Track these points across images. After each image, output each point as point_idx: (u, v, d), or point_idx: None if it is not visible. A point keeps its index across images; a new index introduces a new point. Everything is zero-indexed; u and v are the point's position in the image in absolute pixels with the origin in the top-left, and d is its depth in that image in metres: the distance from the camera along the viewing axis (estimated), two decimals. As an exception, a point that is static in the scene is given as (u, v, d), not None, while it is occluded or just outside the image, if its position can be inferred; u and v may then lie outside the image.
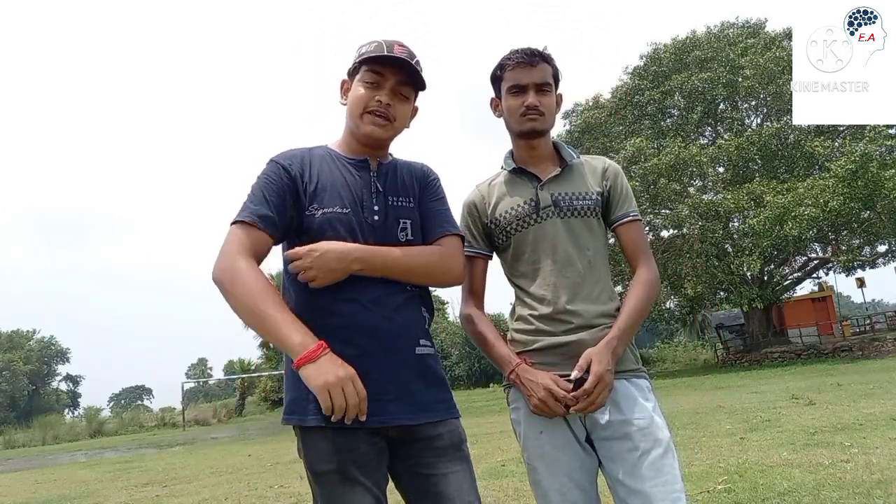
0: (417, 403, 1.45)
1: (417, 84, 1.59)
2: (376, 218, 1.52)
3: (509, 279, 1.83)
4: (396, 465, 1.47)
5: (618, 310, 1.71)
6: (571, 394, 1.55)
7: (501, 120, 1.84)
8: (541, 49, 1.77)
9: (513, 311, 1.81)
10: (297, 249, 1.42)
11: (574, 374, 1.57)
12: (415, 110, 1.67)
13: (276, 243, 1.48)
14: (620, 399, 1.60)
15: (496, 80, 1.80)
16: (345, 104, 1.62)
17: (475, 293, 1.82)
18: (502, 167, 1.86)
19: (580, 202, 1.73)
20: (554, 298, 1.67)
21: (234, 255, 1.38)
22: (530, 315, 1.71)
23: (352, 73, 1.61)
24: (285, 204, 1.47)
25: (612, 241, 1.96)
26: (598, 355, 1.57)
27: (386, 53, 1.54)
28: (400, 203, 1.57)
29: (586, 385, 1.54)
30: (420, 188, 1.64)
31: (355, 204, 1.51)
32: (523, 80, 1.72)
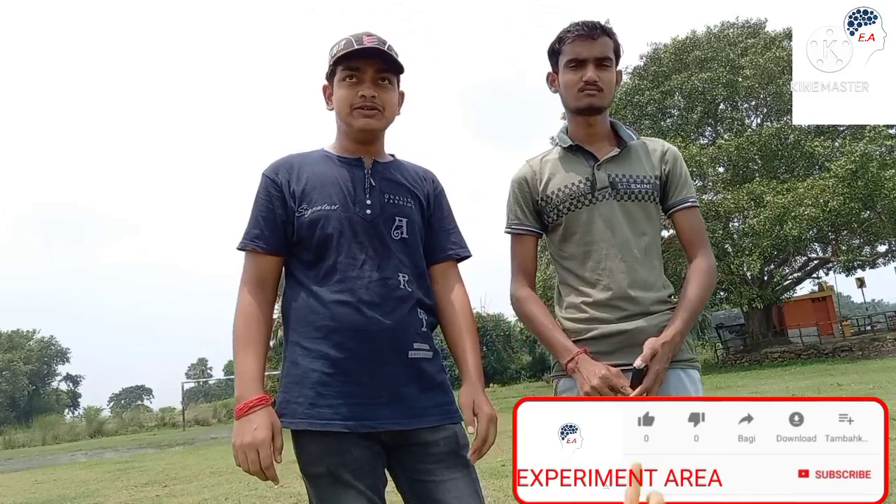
0: (411, 408, 1.44)
1: (396, 69, 1.57)
2: (368, 212, 1.50)
3: (557, 261, 1.76)
4: (395, 467, 1.47)
5: (671, 296, 1.66)
6: (629, 388, 1.50)
7: (505, 119, 1.81)
8: (601, 22, 1.69)
9: (559, 297, 1.74)
10: None
11: (637, 362, 1.51)
12: (401, 95, 1.64)
13: (281, 255, 1.53)
14: (671, 390, 1.56)
15: (554, 53, 1.72)
16: (332, 109, 1.61)
17: (527, 272, 1.74)
18: (556, 143, 1.78)
19: (638, 185, 1.67)
20: (610, 283, 1.61)
21: (240, 289, 1.52)
22: (583, 302, 1.64)
23: (330, 76, 1.59)
24: (275, 217, 1.52)
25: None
26: (661, 351, 1.51)
27: (357, 47, 1.51)
28: (395, 200, 1.55)
29: (645, 384, 1.49)
30: (427, 195, 1.63)
31: (345, 199, 1.50)
32: (583, 53, 1.64)
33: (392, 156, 1.67)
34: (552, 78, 1.74)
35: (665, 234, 22.74)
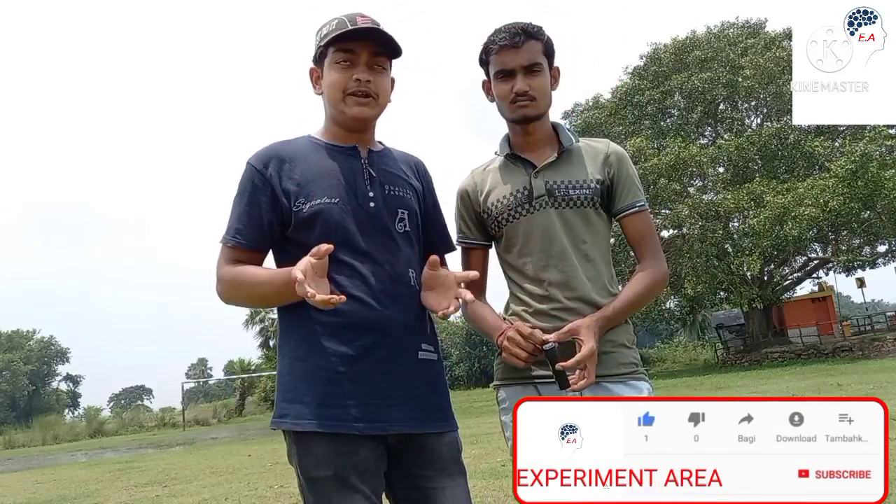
0: (421, 411, 1.39)
1: (392, 51, 1.47)
2: (372, 205, 1.43)
3: (503, 271, 1.73)
4: (392, 475, 1.41)
5: None
6: (573, 361, 1.43)
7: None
8: (525, 25, 1.60)
9: (507, 306, 1.72)
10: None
11: (550, 337, 1.47)
12: (393, 81, 1.54)
13: (263, 252, 1.46)
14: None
15: (483, 63, 1.67)
16: (320, 94, 1.50)
17: (474, 284, 1.65)
18: (495, 153, 1.73)
19: (576, 191, 1.60)
20: (549, 294, 1.58)
21: (218, 274, 1.45)
22: (524, 311, 1.62)
23: (319, 58, 1.48)
24: (260, 213, 1.42)
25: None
26: (585, 329, 1.47)
27: (351, 27, 1.40)
28: (396, 192, 1.48)
29: (582, 352, 1.43)
30: (421, 184, 1.58)
31: (347, 192, 1.42)
32: (510, 63, 1.58)
33: (381, 143, 1.59)
34: (487, 86, 1.68)
35: (665, 234, 22.79)
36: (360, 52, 1.43)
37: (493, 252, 1.77)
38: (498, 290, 1.83)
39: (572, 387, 1.43)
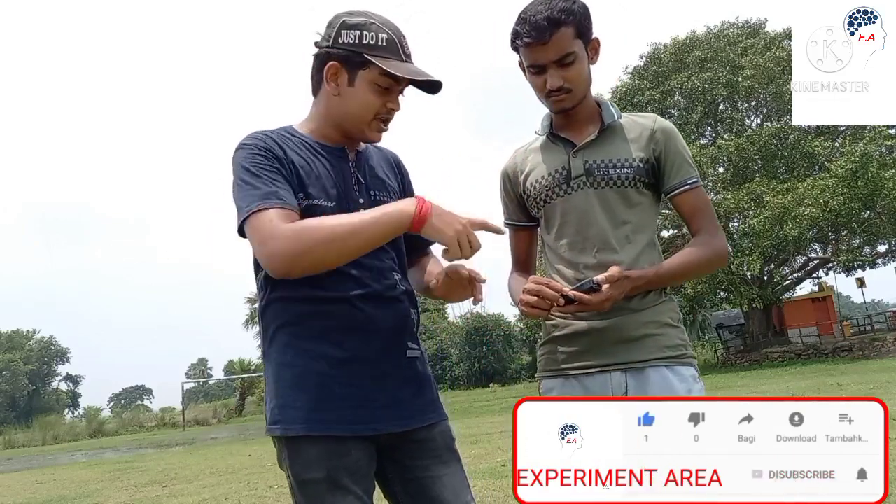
0: (408, 409, 1.40)
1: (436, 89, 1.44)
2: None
3: (544, 253, 1.68)
4: (387, 469, 1.41)
5: (664, 292, 1.53)
6: (574, 291, 1.37)
7: (505, 117, 1.71)
8: (549, 13, 1.44)
9: None
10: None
11: (598, 278, 1.39)
12: None
13: (300, 213, 1.30)
14: (655, 392, 1.42)
15: (514, 49, 1.56)
16: (336, 95, 1.40)
17: (519, 262, 1.71)
18: (536, 132, 1.67)
19: (617, 171, 1.52)
20: (584, 277, 1.47)
21: (269, 233, 1.22)
22: None
23: (354, 65, 1.36)
24: (283, 176, 1.32)
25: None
26: (619, 275, 1.40)
27: (404, 61, 1.38)
28: (381, 197, 1.45)
29: (611, 271, 1.38)
30: (400, 182, 1.57)
31: (340, 197, 1.39)
32: (540, 60, 1.48)
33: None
34: (523, 68, 1.58)
35: (665, 234, 22.80)
36: (403, 83, 1.40)
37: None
38: (497, 288, 1.83)
39: (600, 296, 1.37)
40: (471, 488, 1.46)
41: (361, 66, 1.36)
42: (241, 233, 1.30)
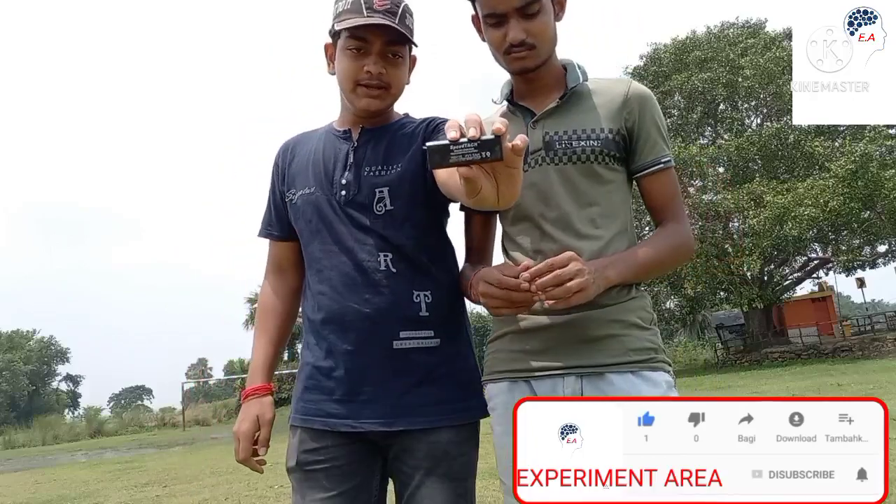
0: (395, 407, 1.30)
1: (408, 41, 1.36)
2: (344, 193, 1.35)
3: (502, 245, 1.46)
4: (390, 467, 1.38)
5: (636, 284, 1.33)
6: (532, 271, 1.13)
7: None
8: None
9: None
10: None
11: (527, 264, 1.17)
12: (413, 61, 1.44)
13: (294, 240, 1.49)
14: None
15: None
16: (333, 74, 1.41)
17: (469, 249, 1.47)
18: (493, 100, 1.46)
19: (581, 143, 1.30)
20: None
21: (264, 277, 1.56)
22: None
23: (334, 35, 1.38)
24: (278, 201, 1.50)
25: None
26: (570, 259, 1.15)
27: (365, 15, 1.29)
28: (376, 171, 1.36)
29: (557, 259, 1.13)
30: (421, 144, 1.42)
31: (321, 180, 1.38)
32: (499, 7, 1.27)
33: (398, 114, 1.48)
34: (477, 24, 1.38)
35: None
36: (374, 41, 1.31)
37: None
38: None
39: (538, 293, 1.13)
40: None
41: (337, 36, 1.37)
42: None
